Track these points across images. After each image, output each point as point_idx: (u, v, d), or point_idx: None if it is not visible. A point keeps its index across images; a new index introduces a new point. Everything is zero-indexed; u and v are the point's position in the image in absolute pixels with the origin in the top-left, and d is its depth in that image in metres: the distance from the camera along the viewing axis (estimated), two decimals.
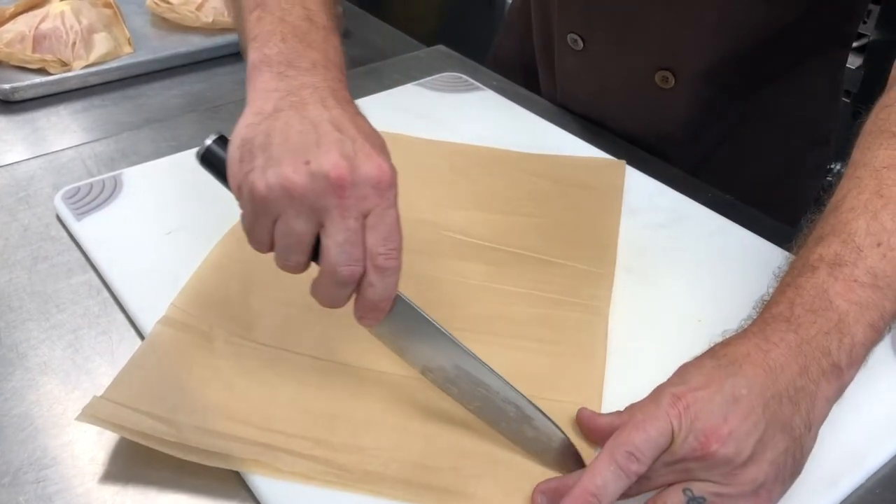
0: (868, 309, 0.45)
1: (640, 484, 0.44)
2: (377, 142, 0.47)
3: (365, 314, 0.48)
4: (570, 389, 0.54)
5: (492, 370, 0.50)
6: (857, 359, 0.46)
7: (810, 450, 0.45)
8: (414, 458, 0.50)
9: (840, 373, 0.45)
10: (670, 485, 0.44)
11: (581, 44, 0.84)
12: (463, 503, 0.47)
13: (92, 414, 0.49)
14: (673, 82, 0.80)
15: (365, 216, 0.45)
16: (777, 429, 0.43)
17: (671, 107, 0.82)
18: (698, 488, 0.43)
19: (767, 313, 0.47)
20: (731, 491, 0.43)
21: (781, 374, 0.44)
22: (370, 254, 0.46)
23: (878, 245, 0.47)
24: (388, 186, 0.46)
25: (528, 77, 0.98)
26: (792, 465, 0.44)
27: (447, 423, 0.52)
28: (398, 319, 0.49)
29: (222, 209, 0.70)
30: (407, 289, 0.62)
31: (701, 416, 0.43)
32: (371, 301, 0.47)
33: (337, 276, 0.46)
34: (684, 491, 0.43)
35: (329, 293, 0.47)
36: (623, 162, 0.78)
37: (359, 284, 0.47)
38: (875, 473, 0.51)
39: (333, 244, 0.45)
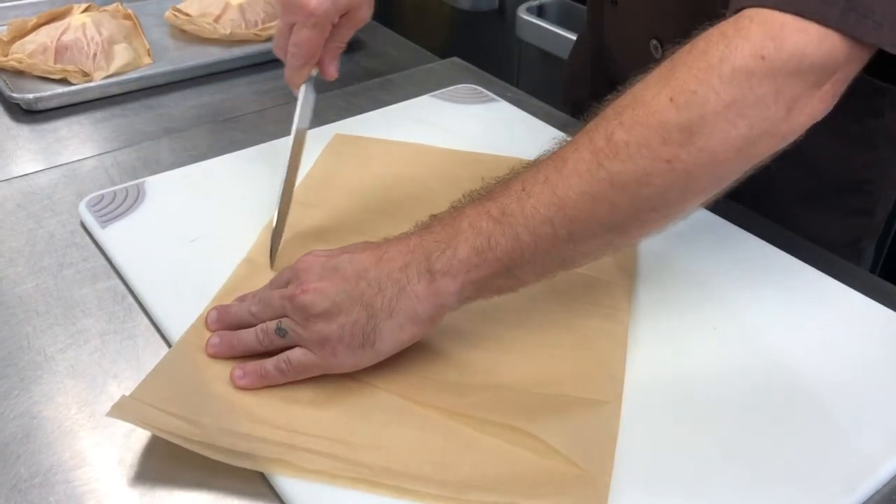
0: (480, 235, 0.52)
1: (262, 313, 0.57)
2: None
3: (286, 77, 0.73)
4: (590, 393, 0.55)
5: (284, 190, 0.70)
6: (453, 271, 0.52)
7: (390, 335, 0.53)
8: (433, 455, 0.51)
9: (432, 277, 0.53)
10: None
11: None
12: (482, 499, 0.48)
13: (121, 411, 0.51)
14: (661, 53, 0.78)
15: (292, 25, 0.69)
16: (357, 302, 0.53)
17: None
18: (285, 322, 0.55)
19: (430, 216, 0.56)
20: (303, 334, 0.54)
21: (386, 264, 0.53)
22: (288, 48, 0.71)
23: (523, 189, 0.53)
24: (308, 13, 0.68)
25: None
26: (361, 338, 0.53)
27: (465, 422, 0.53)
28: (302, 104, 0.74)
29: (244, 218, 0.71)
30: None
31: (308, 271, 0.55)
32: (286, 71, 0.73)
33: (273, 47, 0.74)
34: (277, 322, 0.55)
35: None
36: None
37: None
38: (891, 481, 0.52)
39: (276, 29, 0.73)
